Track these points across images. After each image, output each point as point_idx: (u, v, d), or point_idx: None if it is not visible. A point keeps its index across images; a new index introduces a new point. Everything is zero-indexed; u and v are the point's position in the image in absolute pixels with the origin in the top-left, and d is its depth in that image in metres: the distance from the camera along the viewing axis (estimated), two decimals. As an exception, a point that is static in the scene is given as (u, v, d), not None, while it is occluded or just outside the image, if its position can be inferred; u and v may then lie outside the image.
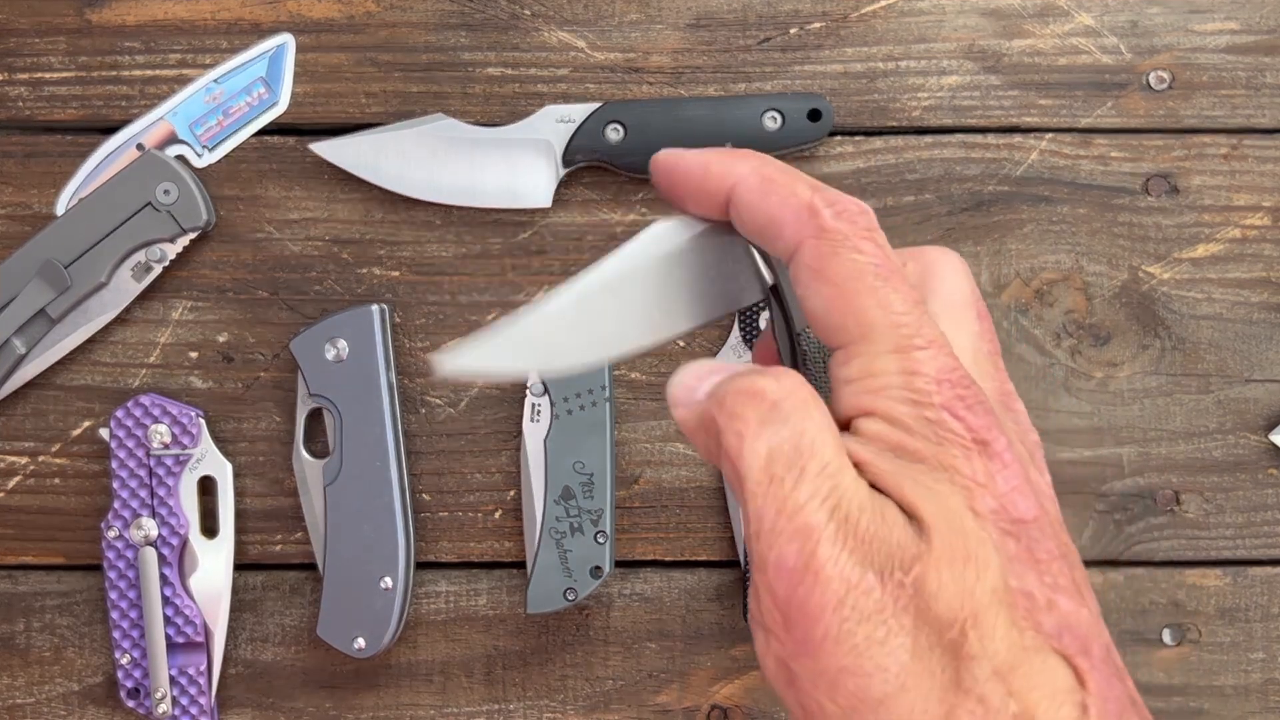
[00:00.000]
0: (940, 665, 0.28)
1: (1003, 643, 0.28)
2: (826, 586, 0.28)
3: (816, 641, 0.28)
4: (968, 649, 0.28)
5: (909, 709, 0.28)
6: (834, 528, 0.28)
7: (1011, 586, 0.28)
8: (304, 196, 0.62)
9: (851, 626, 0.28)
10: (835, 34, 0.61)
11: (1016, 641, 0.28)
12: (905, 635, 0.28)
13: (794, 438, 0.29)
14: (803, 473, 0.28)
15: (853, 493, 0.29)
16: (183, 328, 0.62)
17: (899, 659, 0.28)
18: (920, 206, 0.61)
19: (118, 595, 0.60)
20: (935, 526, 0.28)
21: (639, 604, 0.62)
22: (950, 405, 0.29)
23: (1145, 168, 0.61)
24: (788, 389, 0.29)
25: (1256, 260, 0.61)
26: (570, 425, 0.60)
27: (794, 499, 0.28)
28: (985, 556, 0.28)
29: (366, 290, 0.62)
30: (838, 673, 0.28)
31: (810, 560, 0.28)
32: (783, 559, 0.28)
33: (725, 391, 0.30)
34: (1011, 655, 0.28)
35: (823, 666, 0.28)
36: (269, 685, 0.63)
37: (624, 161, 0.60)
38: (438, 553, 0.62)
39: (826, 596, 0.28)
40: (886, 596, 0.28)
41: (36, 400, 0.62)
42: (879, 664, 0.28)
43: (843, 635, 0.28)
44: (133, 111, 0.61)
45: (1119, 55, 0.61)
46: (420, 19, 0.61)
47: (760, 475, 0.29)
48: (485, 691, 0.62)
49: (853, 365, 0.30)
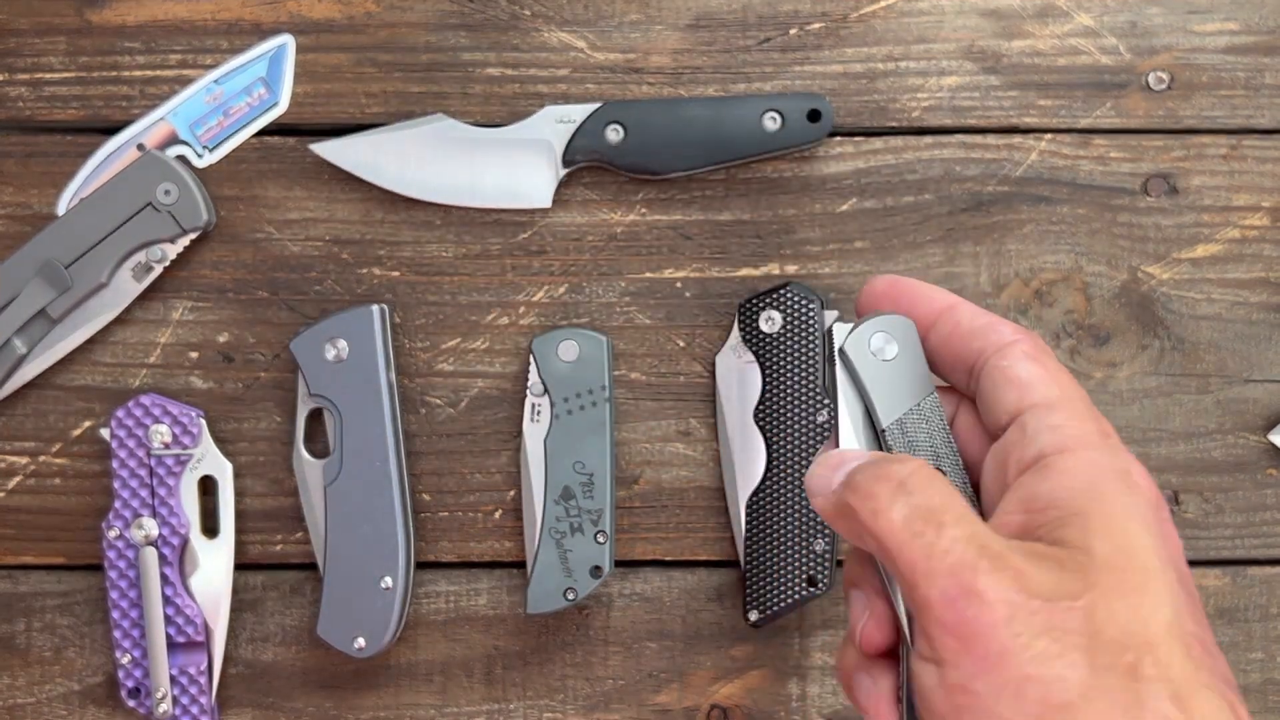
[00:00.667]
0: (1119, 684, 0.30)
1: (1179, 672, 0.31)
2: (993, 608, 0.31)
3: (995, 656, 0.31)
4: (1145, 672, 0.30)
5: (1096, 717, 0.30)
6: (986, 563, 0.31)
7: (1187, 628, 0.31)
8: (304, 197, 0.62)
9: (1026, 640, 0.30)
10: (835, 34, 0.61)
11: (1192, 675, 0.31)
12: (1079, 653, 0.30)
13: (925, 502, 0.33)
14: (942, 524, 0.32)
15: (993, 537, 0.32)
16: (183, 328, 0.62)
17: (1078, 672, 0.30)
18: (920, 207, 0.61)
19: (118, 595, 0.60)
20: (1110, 562, 0.32)
21: (639, 604, 0.62)
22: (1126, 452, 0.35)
23: (1145, 168, 0.61)
24: (911, 469, 0.34)
25: (1256, 260, 0.61)
26: (570, 425, 0.60)
27: (940, 545, 0.32)
28: (1160, 593, 0.31)
29: (366, 290, 0.62)
30: (1021, 681, 0.30)
31: (971, 587, 0.31)
32: (945, 591, 0.31)
33: (858, 480, 0.34)
34: (1187, 685, 0.30)
35: (1006, 678, 0.30)
36: (269, 685, 0.63)
37: (624, 161, 0.60)
38: (438, 553, 0.62)
39: (995, 615, 0.31)
40: (1055, 618, 0.31)
41: (37, 400, 0.62)
42: (1058, 674, 0.30)
43: (1018, 647, 0.30)
44: (133, 112, 0.62)
45: (1118, 56, 0.61)
46: (420, 19, 0.61)
47: (902, 534, 0.32)
48: (485, 691, 0.62)
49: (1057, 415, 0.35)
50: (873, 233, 0.61)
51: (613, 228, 0.61)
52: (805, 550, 0.59)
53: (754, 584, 0.60)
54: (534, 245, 0.62)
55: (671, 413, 0.62)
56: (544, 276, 0.62)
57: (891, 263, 0.61)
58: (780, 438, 0.60)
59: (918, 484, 0.33)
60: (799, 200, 0.61)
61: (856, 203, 0.61)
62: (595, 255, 0.62)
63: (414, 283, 0.62)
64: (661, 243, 0.61)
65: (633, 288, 0.62)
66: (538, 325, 0.62)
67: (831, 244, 0.61)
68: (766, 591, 0.60)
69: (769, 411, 0.60)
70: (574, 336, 0.60)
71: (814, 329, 0.59)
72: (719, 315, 0.61)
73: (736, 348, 0.61)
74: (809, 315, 0.59)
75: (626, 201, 0.61)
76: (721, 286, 0.61)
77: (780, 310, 0.60)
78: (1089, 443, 0.35)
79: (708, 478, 0.62)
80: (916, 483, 0.33)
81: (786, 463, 0.59)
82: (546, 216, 0.62)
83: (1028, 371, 0.36)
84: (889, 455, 0.36)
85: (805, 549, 0.59)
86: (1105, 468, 0.34)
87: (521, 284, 0.62)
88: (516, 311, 0.62)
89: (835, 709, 0.62)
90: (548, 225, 0.62)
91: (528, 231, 0.62)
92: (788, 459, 0.59)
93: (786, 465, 0.59)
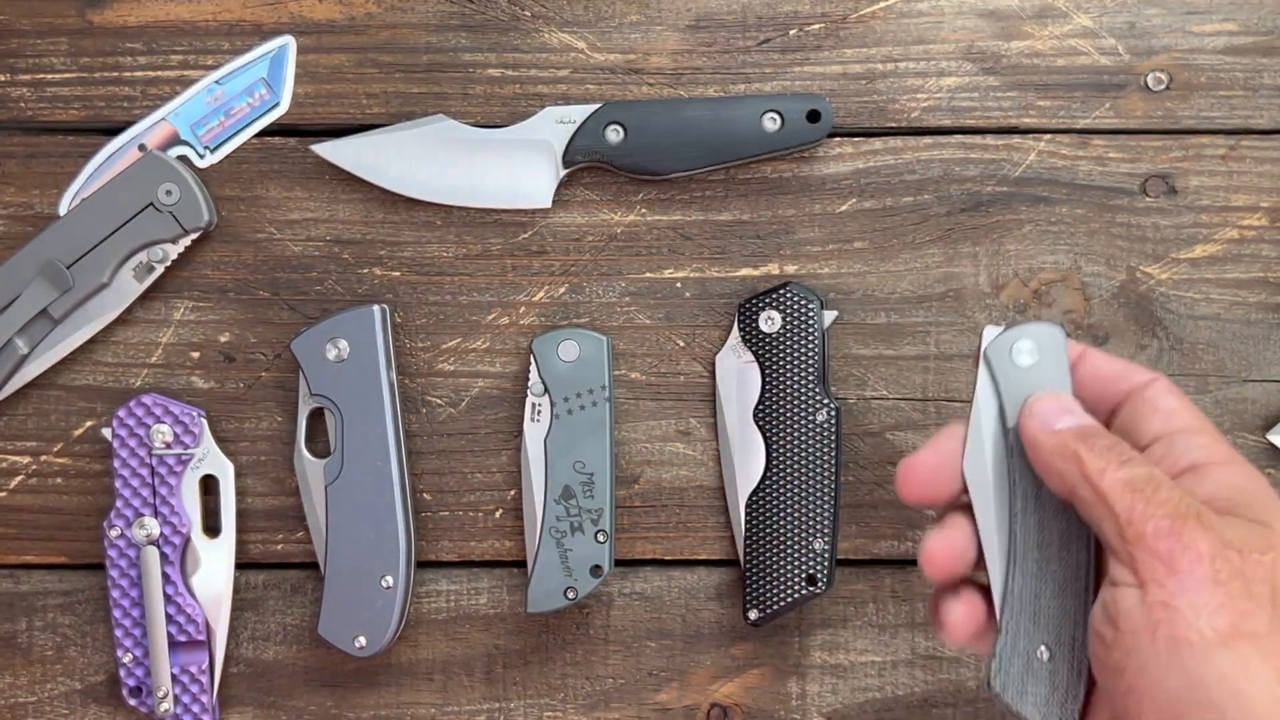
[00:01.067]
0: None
1: None
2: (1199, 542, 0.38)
3: (1198, 581, 0.38)
4: None
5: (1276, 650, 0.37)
6: (1195, 512, 0.39)
7: None
8: (305, 197, 0.62)
9: (1225, 576, 0.38)
10: (834, 35, 0.61)
11: None
12: (1265, 601, 0.38)
13: (1145, 471, 0.41)
14: (1158, 488, 0.40)
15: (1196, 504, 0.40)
16: (184, 328, 0.62)
17: (1264, 614, 0.38)
18: (919, 207, 0.61)
19: (120, 594, 0.60)
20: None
21: (639, 603, 0.62)
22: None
23: (1143, 168, 0.61)
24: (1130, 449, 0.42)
25: (1254, 261, 0.61)
26: (570, 425, 0.60)
27: (1158, 498, 0.40)
28: None
29: (367, 290, 0.62)
30: (1217, 608, 0.38)
31: (1183, 526, 0.39)
32: (1160, 527, 0.39)
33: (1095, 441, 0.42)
34: None
35: (1205, 600, 0.38)
36: (270, 684, 0.63)
37: (624, 162, 0.60)
38: (438, 552, 0.62)
39: (1201, 548, 0.38)
40: (1246, 566, 0.38)
41: (38, 400, 0.62)
42: (1247, 610, 0.38)
43: (1219, 580, 0.38)
44: (135, 112, 0.62)
45: (1117, 56, 0.61)
46: (421, 20, 0.61)
47: (1124, 489, 0.40)
48: (486, 690, 0.63)
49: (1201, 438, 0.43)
50: (872, 233, 0.61)
51: (613, 228, 0.62)
52: (805, 549, 0.59)
53: (754, 583, 0.60)
54: (534, 245, 0.62)
55: (671, 412, 0.62)
56: (544, 276, 0.62)
57: (891, 263, 0.61)
58: (780, 437, 0.60)
59: (1139, 459, 0.42)
60: (798, 200, 0.61)
61: (856, 203, 0.61)
62: (595, 255, 0.62)
63: (415, 283, 0.62)
64: (661, 243, 0.62)
65: (633, 288, 0.62)
66: (538, 325, 0.62)
67: (831, 244, 0.61)
68: (766, 590, 0.60)
69: (768, 411, 0.60)
70: (574, 336, 0.60)
71: (813, 329, 0.60)
72: (719, 315, 0.62)
73: (736, 347, 0.61)
74: (808, 315, 0.60)
75: (626, 202, 0.62)
76: (721, 286, 0.62)
77: (780, 310, 0.60)
78: (1233, 460, 0.42)
79: (707, 477, 0.62)
80: (1135, 457, 0.42)
81: (786, 462, 0.60)
82: (547, 217, 0.62)
83: (1170, 403, 0.44)
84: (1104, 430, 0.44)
85: (805, 548, 0.59)
86: (1253, 476, 0.42)
87: (522, 284, 0.62)
88: (517, 311, 0.62)
89: (835, 708, 0.62)
90: (548, 225, 0.62)
91: (528, 232, 0.62)
92: (787, 458, 0.60)
93: (786, 465, 0.60)
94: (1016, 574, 0.45)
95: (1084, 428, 0.43)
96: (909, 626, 0.62)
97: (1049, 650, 0.45)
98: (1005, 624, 0.45)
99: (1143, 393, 0.45)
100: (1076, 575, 0.45)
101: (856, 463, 0.62)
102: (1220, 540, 0.38)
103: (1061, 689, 0.45)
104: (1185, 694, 0.37)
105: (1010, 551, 0.46)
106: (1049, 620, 0.45)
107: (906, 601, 0.62)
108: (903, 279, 0.61)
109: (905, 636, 0.62)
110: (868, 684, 0.62)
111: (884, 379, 0.61)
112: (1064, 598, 0.45)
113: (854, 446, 0.62)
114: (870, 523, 0.62)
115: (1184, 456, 0.42)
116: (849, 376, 0.62)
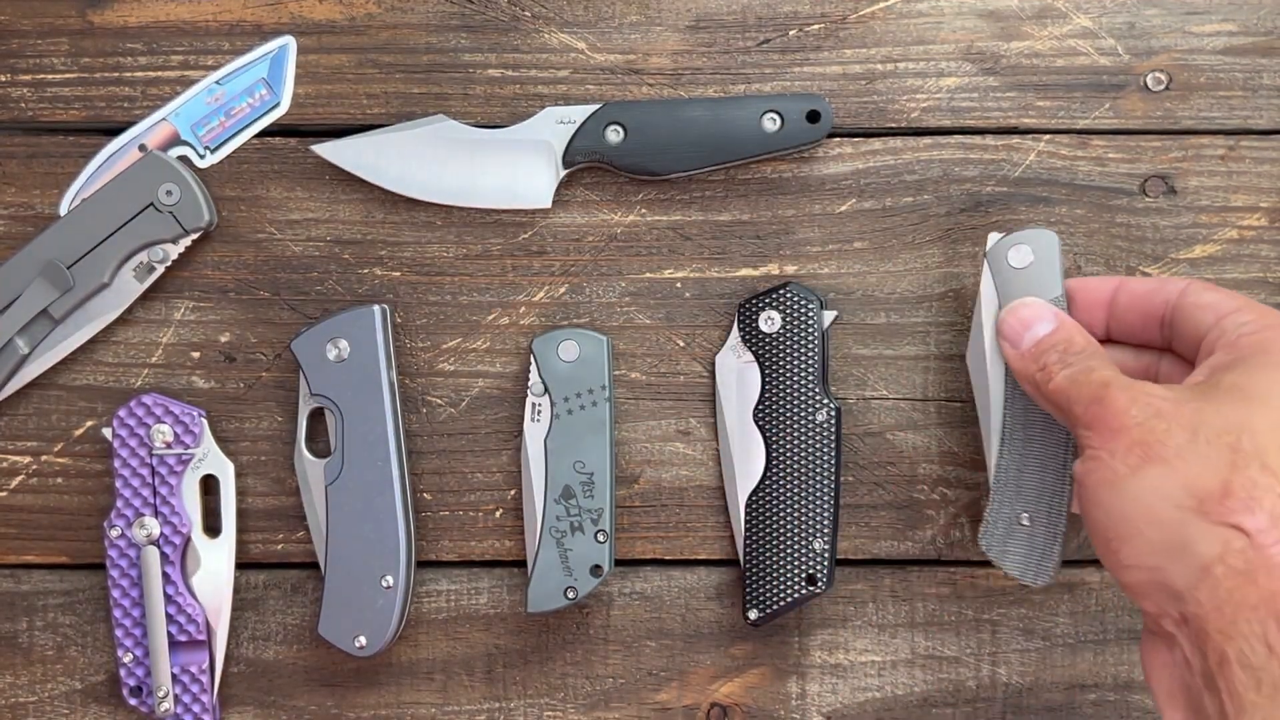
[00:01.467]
0: (1216, 453, 0.43)
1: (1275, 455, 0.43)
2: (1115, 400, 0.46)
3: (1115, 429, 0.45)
4: (1243, 446, 0.43)
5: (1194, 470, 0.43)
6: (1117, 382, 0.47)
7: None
8: (305, 197, 0.62)
9: (1140, 418, 0.45)
10: (834, 36, 0.61)
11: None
12: (1184, 430, 0.44)
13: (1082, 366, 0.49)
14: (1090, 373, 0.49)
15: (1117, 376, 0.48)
16: (185, 328, 0.62)
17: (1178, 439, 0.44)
18: (919, 207, 0.61)
19: (120, 594, 0.60)
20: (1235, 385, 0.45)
21: (639, 602, 0.62)
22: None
23: (1143, 169, 0.61)
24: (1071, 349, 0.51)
25: (1254, 261, 0.61)
26: (570, 425, 0.60)
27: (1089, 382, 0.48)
28: (1273, 402, 0.44)
29: (368, 290, 0.62)
30: (1129, 446, 0.45)
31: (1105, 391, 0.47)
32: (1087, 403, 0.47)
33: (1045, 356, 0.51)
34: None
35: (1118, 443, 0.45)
36: (271, 684, 0.63)
37: (624, 162, 0.60)
38: (439, 551, 0.62)
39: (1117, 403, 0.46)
40: (1166, 408, 0.45)
41: (39, 400, 0.62)
42: (1161, 439, 0.44)
43: (1132, 423, 0.45)
44: (135, 113, 0.62)
45: (1116, 57, 0.61)
46: (421, 20, 0.61)
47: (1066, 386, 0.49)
48: (486, 690, 0.63)
49: (1245, 314, 0.48)
50: (872, 233, 0.61)
51: (613, 228, 0.62)
52: (804, 549, 0.59)
53: (753, 583, 0.60)
54: (534, 245, 0.62)
55: (671, 412, 0.62)
56: (544, 277, 0.62)
57: (890, 263, 0.61)
58: (779, 437, 0.60)
59: (1075, 359, 0.49)
60: (798, 201, 0.61)
61: (855, 203, 0.61)
62: (595, 255, 0.62)
63: (415, 283, 0.62)
64: (661, 243, 0.62)
65: (633, 288, 0.62)
66: (538, 325, 0.62)
67: (830, 244, 0.61)
68: (766, 590, 0.60)
69: (768, 411, 0.60)
70: (574, 336, 0.60)
71: (813, 329, 0.60)
72: (718, 315, 0.62)
73: (736, 347, 0.61)
74: (808, 315, 0.60)
75: (626, 202, 0.62)
76: (721, 287, 0.62)
77: (780, 310, 0.60)
78: (1271, 324, 0.47)
79: (707, 477, 0.62)
80: (1074, 359, 0.49)
81: (786, 462, 0.60)
82: (547, 217, 0.62)
83: (1210, 297, 0.50)
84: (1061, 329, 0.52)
85: (804, 548, 0.59)
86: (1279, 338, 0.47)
87: (522, 284, 0.62)
88: (517, 311, 0.62)
89: (835, 707, 0.62)
90: (548, 226, 0.62)
91: (528, 232, 0.62)
92: (787, 458, 0.60)
93: (786, 464, 0.60)
94: (1005, 451, 0.55)
95: (1039, 344, 0.51)
96: (909, 626, 0.62)
97: (1030, 517, 0.55)
98: (994, 493, 0.55)
99: (1184, 298, 0.51)
100: (1055, 454, 0.54)
101: (856, 463, 0.62)
102: (1142, 394, 0.46)
103: (1038, 550, 0.54)
104: (1119, 527, 0.45)
105: (1002, 431, 0.55)
106: (1030, 491, 0.54)
107: (906, 601, 0.62)
108: (903, 279, 0.61)
109: (905, 636, 0.62)
110: (867, 684, 0.62)
111: (884, 379, 0.62)
112: (1044, 473, 0.54)
113: (854, 446, 0.62)
114: (870, 523, 0.62)
115: (1230, 333, 0.48)
116: (849, 376, 0.62)
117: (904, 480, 0.62)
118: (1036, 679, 0.62)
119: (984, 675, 0.62)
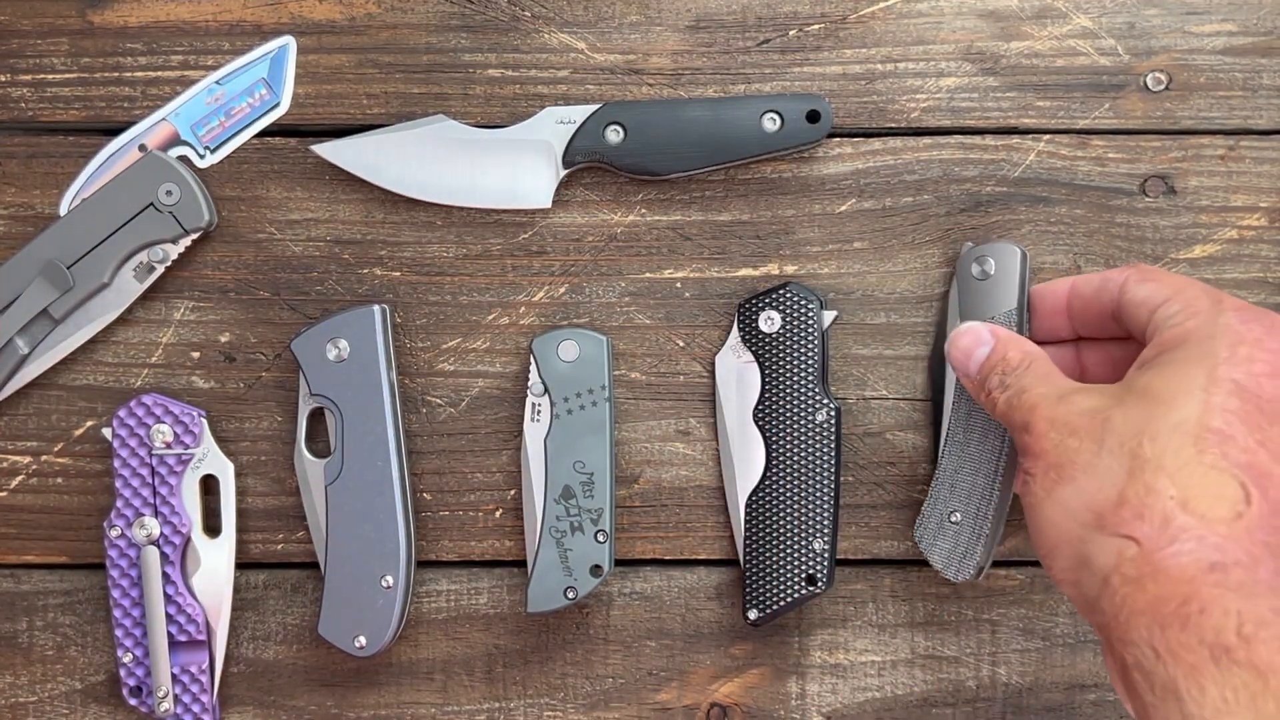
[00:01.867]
0: (1118, 462, 0.44)
1: (1176, 455, 0.43)
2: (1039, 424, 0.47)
3: (1037, 452, 0.47)
4: (1143, 452, 0.44)
5: (1096, 485, 0.45)
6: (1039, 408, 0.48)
7: (1211, 426, 0.44)
8: (305, 197, 0.62)
9: (1057, 440, 0.47)
10: (834, 36, 0.61)
11: (1193, 457, 0.43)
12: (1092, 442, 0.45)
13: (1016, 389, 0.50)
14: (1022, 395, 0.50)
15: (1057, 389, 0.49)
16: (185, 328, 0.62)
17: (1085, 454, 0.45)
18: (918, 207, 0.61)
19: (120, 594, 0.60)
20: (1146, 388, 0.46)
21: (639, 602, 0.62)
22: (1239, 309, 0.47)
23: (1143, 169, 0.61)
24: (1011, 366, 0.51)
25: (1254, 261, 0.61)
26: (570, 425, 0.60)
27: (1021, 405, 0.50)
28: (1184, 406, 0.44)
29: (368, 290, 0.62)
30: (1046, 469, 0.47)
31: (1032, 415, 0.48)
32: (1020, 429, 0.49)
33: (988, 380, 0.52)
34: (1183, 463, 0.43)
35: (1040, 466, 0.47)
36: (271, 684, 0.63)
37: (624, 162, 0.60)
38: (438, 551, 0.62)
39: (1040, 426, 0.47)
40: (1081, 423, 0.46)
41: (39, 400, 0.62)
42: (1070, 457, 0.46)
43: (1051, 445, 0.47)
44: (135, 113, 0.62)
45: (1116, 57, 0.61)
46: (421, 20, 0.61)
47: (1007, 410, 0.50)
48: (486, 690, 0.63)
49: (1172, 305, 0.48)
50: (871, 233, 0.61)
51: (613, 228, 0.62)
52: (804, 549, 0.60)
53: (753, 583, 0.60)
54: (534, 245, 0.62)
55: (671, 412, 0.62)
56: (544, 277, 0.62)
57: (890, 263, 0.61)
58: (779, 437, 0.60)
59: (1012, 382, 0.50)
60: (798, 201, 0.61)
61: (855, 203, 0.61)
62: (595, 255, 0.62)
63: (415, 283, 0.62)
64: (661, 243, 0.62)
65: (633, 288, 0.62)
66: (538, 325, 0.62)
67: (830, 244, 0.61)
68: (766, 590, 0.60)
69: (768, 411, 0.60)
70: (574, 336, 0.60)
71: (813, 329, 0.60)
72: (718, 315, 0.62)
73: (736, 347, 0.61)
74: (808, 315, 0.60)
75: (626, 202, 0.62)
76: (721, 287, 0.62)
77: (779, 310, 0.60)
78: (1195, 311, 0.47)
79: (707, 477, 0.62)
80: (1012, 381, 0.51)
81: (786, 462, 0.60)
82: (547, 217, 0.62)
83: (1145, 291, 0.50)
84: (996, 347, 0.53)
85: (804, 548, 0.60)
86: (1198, 327, 0.47)
87: (522, 284, 0.62)
88: (517, 311, 0.62)
89: (835, 707, 0.62)
90: (548, 226, 0.62)
91: (528, 232, 0.62)
92: (787, 458, 0.60)
93: (786, 464, 0.60)
94: (947, 451, 0.58)
95: (981, 369, 0.53)
96: (909, 626, 0.62)
97: (960, 515, 0.57)
98: (932, 489, 0.58)
99: (1123, 294, 0.51)
100: (989, 459, 0.57)
101: (856, 463, 0.62)
102: (1063, 415, 0.47)
103: (963, 547, 0.57)
104: (1044, 545, 0.47)
105: (947, 432, 0.58)
106: (963, 492, 0.57)
107: (906, 601, 0.62)
108: (903, 279, 0.61)
109: (905, 636, 0.62)
110: (867, 684, 0.62)
111: (884, 379, 0.62)
112: (976, 476, 0.57)
113: (854, 446, 0.62)
114: (870, 523, 0.62)
115: (1158, 329, 0.48)
116: (849, 376, 0.62)
117: (904, 480, 0.62)
118: (1036, 679, 0.62)
119: (984, 675, 0.62)
